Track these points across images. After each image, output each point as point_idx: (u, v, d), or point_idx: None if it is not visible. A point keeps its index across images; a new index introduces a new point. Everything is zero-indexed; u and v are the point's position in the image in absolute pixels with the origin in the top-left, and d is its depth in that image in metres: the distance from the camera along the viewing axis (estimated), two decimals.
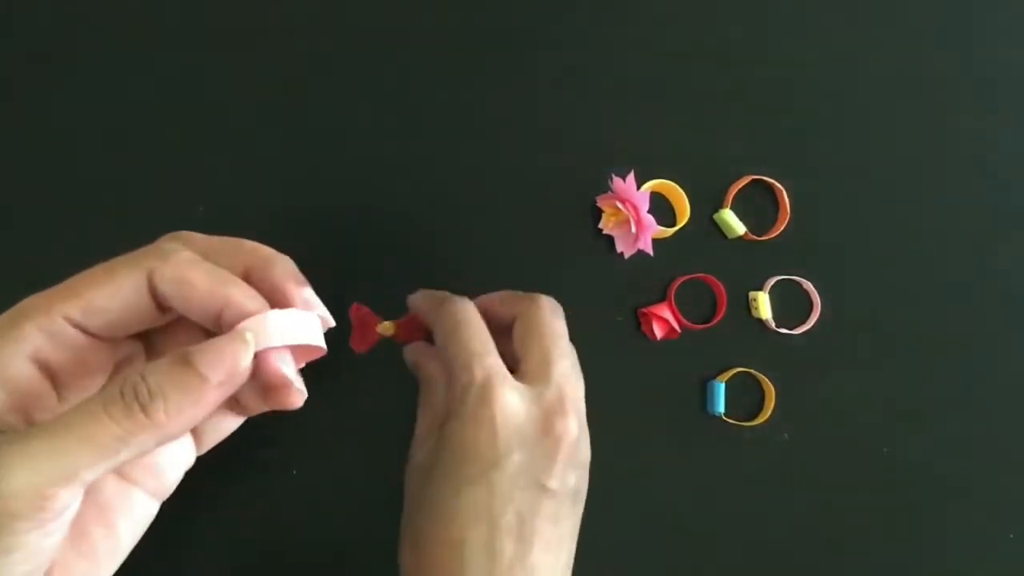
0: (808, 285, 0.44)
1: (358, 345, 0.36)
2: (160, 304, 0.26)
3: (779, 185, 0.44)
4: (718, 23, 0.46)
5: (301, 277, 0.28)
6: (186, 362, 0.24)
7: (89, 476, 0.22)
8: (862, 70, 0.46)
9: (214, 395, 0.24)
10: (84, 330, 0.26)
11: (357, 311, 0.36)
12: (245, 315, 0.25)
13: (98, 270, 0.26)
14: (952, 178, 0.46)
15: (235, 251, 0.28)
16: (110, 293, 0.25)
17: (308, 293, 0.28)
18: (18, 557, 0.22)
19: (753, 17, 0.46)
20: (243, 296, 0.26)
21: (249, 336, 0.25)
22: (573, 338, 0.35)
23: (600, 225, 0.43)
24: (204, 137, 0.43)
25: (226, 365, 0.24)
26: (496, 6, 0.45)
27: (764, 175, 0.44)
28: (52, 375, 0.26)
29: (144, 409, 0.23)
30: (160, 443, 0.23)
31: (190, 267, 0.26)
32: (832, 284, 0.44)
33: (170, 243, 0.27)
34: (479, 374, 0.31)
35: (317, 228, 0.43)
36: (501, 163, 0.44)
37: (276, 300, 0.27)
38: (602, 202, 0.43)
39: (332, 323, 0.29)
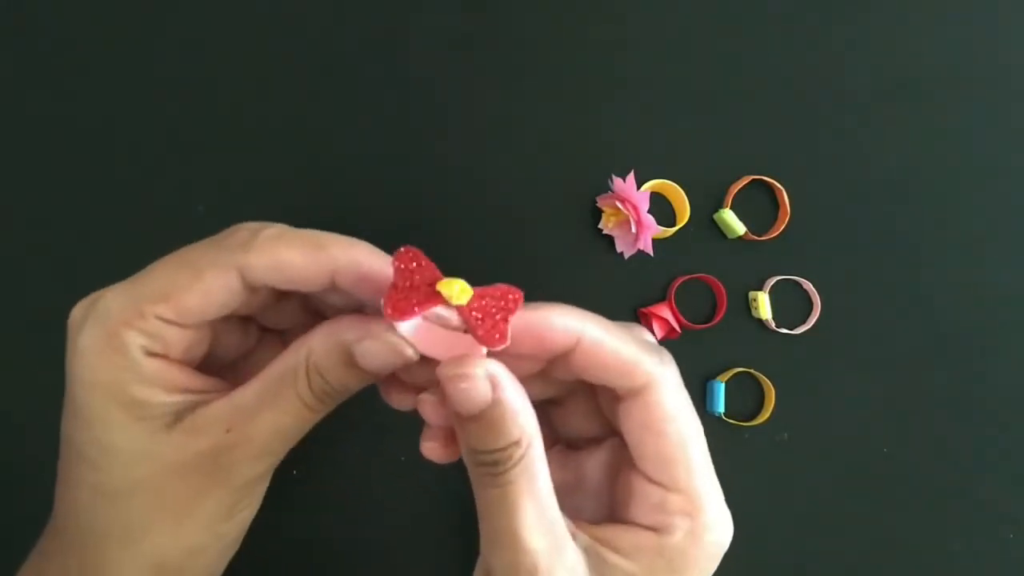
0: (808, 285, 0.44)
1: (400, 308, 0.23)
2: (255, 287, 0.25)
3: (779, 185, 0.44)
4: (718, 23, 0.46)
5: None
6: (353, 365, 0.25)
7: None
8: (862, 70, 0.46)
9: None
10: (180, 325, 0.25)
11: (407, 258, 0.23)
12: (360, 274, 0.25)
13: (180, 269, 0.24)
14: (952, 178, 0.46)
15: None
16: (200, 297, 0.24)
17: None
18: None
19: (753, 17, 0.46)
20: (347, 255, 0.25)
21: (412, 350, 0.25)
22: None
23: (600, 225, 0.43)
24: (204, 137, 0.43)
25: (392, 365, 0.25)
26: (496, 6, 0.45)
27: (764, 175, 0.44)
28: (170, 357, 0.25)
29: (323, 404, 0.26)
30: None
31: (280, 246, 0.24)
32: (832, 284, 0.44)
33: (244, 229, 0.25)
34: None
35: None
36: (501, 163, 0.44)
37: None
38: (602, 202, 0.43)
39: None
